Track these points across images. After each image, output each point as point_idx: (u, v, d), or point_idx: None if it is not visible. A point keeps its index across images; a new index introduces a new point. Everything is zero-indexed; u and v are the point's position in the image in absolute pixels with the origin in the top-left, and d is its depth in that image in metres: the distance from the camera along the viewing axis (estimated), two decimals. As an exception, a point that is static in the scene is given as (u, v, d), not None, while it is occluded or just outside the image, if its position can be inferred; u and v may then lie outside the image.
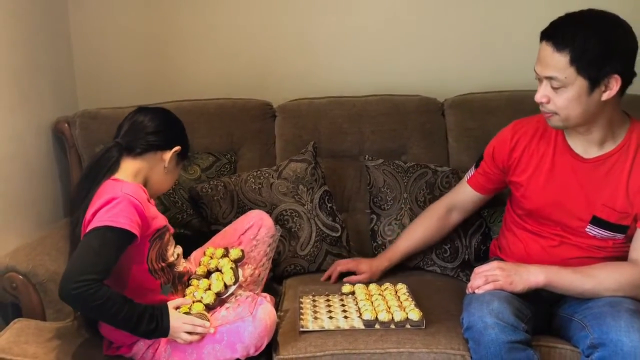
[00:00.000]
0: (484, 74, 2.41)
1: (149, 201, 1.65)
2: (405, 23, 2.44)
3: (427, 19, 2.44)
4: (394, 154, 2.26)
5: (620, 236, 1.67)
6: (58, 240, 1.96)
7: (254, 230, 1.91)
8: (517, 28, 2.39)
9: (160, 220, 1.66)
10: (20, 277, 1.76)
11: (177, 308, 1.60)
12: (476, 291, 1.62)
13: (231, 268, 1.73)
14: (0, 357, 1.54)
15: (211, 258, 1.82)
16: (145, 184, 1.70)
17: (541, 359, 1.55)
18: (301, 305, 1.80)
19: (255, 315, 1.58)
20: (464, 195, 1.93)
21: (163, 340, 1.59)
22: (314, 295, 1.86)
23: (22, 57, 2.06)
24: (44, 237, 1.97)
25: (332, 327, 1.69)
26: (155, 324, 1.51)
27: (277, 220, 2.04)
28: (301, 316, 1.74)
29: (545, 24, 1.61)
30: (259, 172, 2.15)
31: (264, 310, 1.60)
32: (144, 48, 2.46)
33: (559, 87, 1.56)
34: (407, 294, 1.82)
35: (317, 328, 1.69)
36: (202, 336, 1.57)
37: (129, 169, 1.66)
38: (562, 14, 1.58)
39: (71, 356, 1.61)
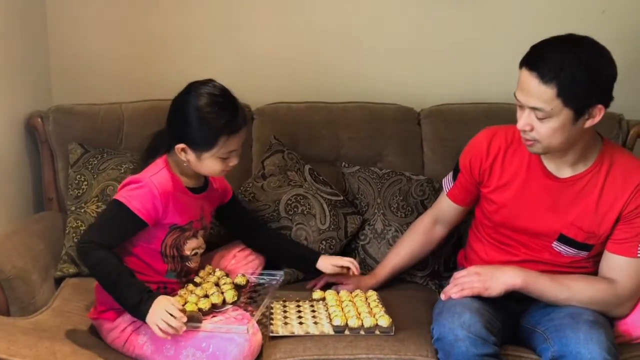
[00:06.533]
0: (461, 85, 2.43)
1: (183, 193, 1.69)
2: (385, 32, 2.45)
3: (407, 29, 2.46)
4: (370, 161, 2.27)
5: (583, 253, 1.69)
6: (26, 236, 1.94)
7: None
8: (495, 41, 2.42)
9: (187, 217, 1.71)
10: (-14, 273, 1.73)
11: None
12: (453, 296, 1.63)
13: (233, 288, 1.73)
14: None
15: (210, 274, 1.81)
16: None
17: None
18: (271, 310, 1.80)
19: (249, 339, 1.58)
20: (447, 208, 1.90)
21: (146, 325, 1.58)
22: (284, 301, 1.86)
23: (-3, 49, 2.03)
24: (12, 232, 1.94)
25: (302, 333, 1.69)
26: (139, 300, 1.54)
27: (287, 212, 2.06)
28: (271, 321, 1.73)
29: (522, 37, 1.59)
30: (242, 188, 2.14)
31: (256, 337, 1.62)
32: (122, 44, 2.43)
33: (544, 118, 1.53)
34: (377, 300, 1.83)
35: (287, 333, 1.68)
36: (170, 336, 1.54)
37: (172, 158, 1.71)
38: (540, 26, 1.54)
39: (35, 351, 1.58)
